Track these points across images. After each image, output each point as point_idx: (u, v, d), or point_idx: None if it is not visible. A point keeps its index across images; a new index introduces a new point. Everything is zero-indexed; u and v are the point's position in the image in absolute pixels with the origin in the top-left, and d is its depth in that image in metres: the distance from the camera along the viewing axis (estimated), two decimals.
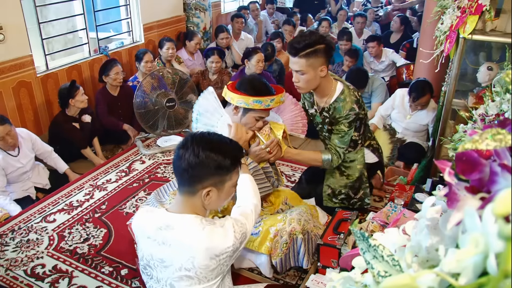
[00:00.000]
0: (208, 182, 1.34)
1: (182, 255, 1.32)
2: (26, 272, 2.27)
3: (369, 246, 0.56)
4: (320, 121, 2.34)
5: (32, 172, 3.05)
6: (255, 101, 1.91)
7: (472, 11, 2.22)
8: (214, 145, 1.35)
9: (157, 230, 1.36)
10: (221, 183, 1.37)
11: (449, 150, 1.82)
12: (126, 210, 2.83)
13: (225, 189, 1.39)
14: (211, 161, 1.32)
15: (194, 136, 1.37)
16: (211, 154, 1.32)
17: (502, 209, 0.41)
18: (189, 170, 1.32)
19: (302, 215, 2.12)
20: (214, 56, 4.20)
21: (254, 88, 1.94)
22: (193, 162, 1.31)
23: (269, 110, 2.01)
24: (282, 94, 1.99)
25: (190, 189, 1.36)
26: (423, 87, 3.25)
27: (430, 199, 0.61)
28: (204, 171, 1.32)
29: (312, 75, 2.08)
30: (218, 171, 1.34)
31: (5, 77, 3.31)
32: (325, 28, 5.63)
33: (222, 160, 1.33)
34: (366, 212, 2.45)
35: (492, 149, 0.50)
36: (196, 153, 1.31)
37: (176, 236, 1.33)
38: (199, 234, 1.30)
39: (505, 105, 1.47)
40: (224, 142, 1.40)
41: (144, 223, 1.42)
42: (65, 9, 4.67)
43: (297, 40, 2.03)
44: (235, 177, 1.42)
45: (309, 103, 2.38)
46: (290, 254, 2.06)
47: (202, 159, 1.30)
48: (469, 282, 0.43)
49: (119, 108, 3.86)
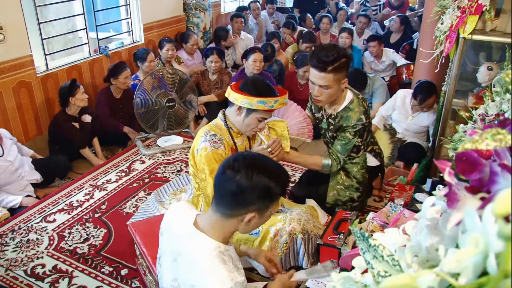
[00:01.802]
0: (253, 207, 1.27)
1: (190, 272, 1.29)
2: (26, 272, 2.27)
3: (369, 246, 0.56)
4: (326, 127, 2.37)
5: (23, 169, 3.00)
6: (259, 102, 1.91)
7: (472, 11, 2.22)
8: (267, 169, 1.28)
9: (180, 236, 1.34)
10: (265, 209, 1.30)
11: (449, 150, 1.82)
12: (126, 210, 2.83)
13: (265, 215, 1.32)
14: (263, 187, 1.24)
15: (246, 157, 1.29)
16: (264, 179, 1.24)
17: (502, 209, 0.41)
18: (238, 194, 1.24)
19: (302, 215, 2.12)
20: (213, 55, 4.20)
21: (258, 89, 1.94)
22: (244, 185, 1.23)
23: (272, 111, 2.01)
24: (285, 96, 2.00)
25: (231, 212, 1.28)
26: (429, 89, 3.24)
27: (430, 199, 0.61)
28: (253, 196, 1.25)
29: (336, 89, 2.11)
30: (267, 197, 1.27)
31: (5, 77, 3.30)
32: (326, 25, 5.62)
33: (274, 186, 1.26)
34: (366, 212, 2.45)
35: (492, 149, 0.50)
36: (249, 176, 1.23)
37: (189, 253, 1.29)
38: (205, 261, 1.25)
39: (505, 105, 1.47)
40: (276, 166, 1.32)
41: (173, 221, 1.40)
42: (65, 9, 4.67)
43: (324, 54, 2.01)
44: (276, 204, 1.37)
45: (316, 107, 2.41)
46: (290, 254, 2.06)
47: (254, 183, 1.23)
48: (469, 282, 0.43)
49: (120, 111, 3.86)
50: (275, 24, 6.62)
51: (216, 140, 1.96)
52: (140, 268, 2.19)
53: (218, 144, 1.96)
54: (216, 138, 1.97)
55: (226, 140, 2.03)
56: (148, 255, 1.93)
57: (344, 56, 2.05)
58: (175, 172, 3.31)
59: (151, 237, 2.01)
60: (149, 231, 2.06)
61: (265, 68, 4.32)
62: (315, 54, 2.06)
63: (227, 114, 2.08)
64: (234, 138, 2.07)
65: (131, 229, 2.12)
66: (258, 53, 3.93)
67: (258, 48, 4.08)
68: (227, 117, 2.07)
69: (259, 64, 3.91)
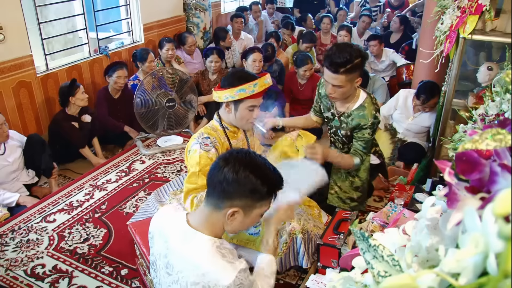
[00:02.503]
0: (237, 202, 1.29)
1: (188, 271, 1.29)
2: (26, 272, 2.27)
3: (369, 246, 0.56)
4: (338, 125, 2.40)
5: (20, 172, 3.01)
6: (239, 91, 1.91)
7: (472, 11, 2.22)
8: (256, 167, 1.30)
9: (173, 237, 1.34)
10: (250, 208, 1.32)
11: (449, 150, 1.82)
12: (126, 210, 2.83)
13: (251, 215, 1.33)
14: (248, 183, 1.27)
15: (240, 152, 1.33)
16: (250, 176, 1.27)
17: (502, 209, 0.41)
18: (223, 183, 1.27)
19: (301, 215, 2.12)
20: (213, 55, 4.19)
21: (235, 79, 1.94)
22: (230, 178, 1.26)
23: (258, 97, 1.98)
24: (265, 77, 1.99)
25: (217, 203, 1.31)
26: (432, 89, 3.23)
27: (430, 199, 0.61)
28: (238, 190, 1.28)
29: (349, 87, 2.16)
30: (252, 195, 1.29)
31: (5, 77, 3.31)
32: (327, 25, 5.61)
33: (259, 185, 1.28)
34: (366, 212, 2.46)
35: (492, 149, 0.50)
36: (235, 170, 1.26)
37: (187, 252, 1.30)
38: (206, 257, 1.27)
39: (505, 105, 1.46)
40: (267, 167, 1.34)
41: (164, 223, 1.40)
42: (65, 9, 4.67)
43: (337, 56, 2.05)
44: (265, 207, 1.37)
45: (325, 107, 2.45)
46: (289, 254, 2.06)
47: (240, 177, 1.26)
48: (469, 282, 0.43)
49: (118, 111, 3.85)
50: (275, 24, 6.62)
51: (207, 143, 1.96)
52: (140, 268, 2.19)
53: (209, 147, 1.95)
54: (208, 141, 1.96)
55: (221, 142, 2.02)
56: (148, 255, 1.93)
57: (359, 57, 2.08)
58: (175, 172, 3.31)
59: None
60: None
61: (265, 68, 4.32)
62: (328, 55, 2.10)
63: (221, 114, 2.08)
64: (230, 139, 2.06)
65: (131, 229, 2.12)
66: (257, 53, 3.92)
67: (257, 48, 4.07)
68: (222, 118, 2.07)
69: (259, 64, 3.90)
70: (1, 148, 2.89)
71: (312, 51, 5.13)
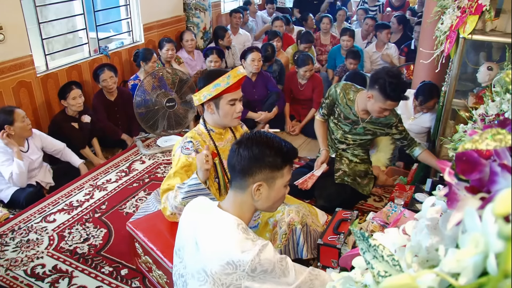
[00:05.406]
0: (259, 176, 1.37)
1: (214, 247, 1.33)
2: (26, 272, 2.27)
3: (369, 246, 0.56)
4: (361, 131, 2.70)
5: (39, 170, 3.09)
6: (214, 86, 1.92)
7: (472, 11, 2.22)
8: (267, 141, 1.39)
9: (203, 218, 1.40)
10: (272, 179, 1.39)
11: (449, 150, 1.82)
12: (126, 210, 2.83)
13: (275, 186, 1.40)
14: (263, 155, 1.36)
15: (250, 133, 1.44)
16: (263, 149, 1.36)
17: (502, 209, 0.41)
18: (241, 162, 1.36)
19: (300, 208, 2.12)
20: (213, 55, 4.19)
21: (209, 77, 1.96)
22: (246, 155, 1.36)
23: (235, 89, 1.98)
24: (238, 68, 2.00)
25: (241, 183, 1.38)
26: (431, 91, 3.23)
27: (430, 199, 0.61)
28: (255, 164, 1.36)
29: None
30: (269, 166, 1.37)
31: (5, 77, 3.30)
32: (326, 25, 5.61)
33: (273, 155, 1.37)
34: (366, 212, 2.46)
35: (492, 149, 0.50)
36: (249, 146, 1.37)
37: (213, 231, 1.35)
38: (230, 234, 1.32)
39: (505, 105, 1.47)
40: (278, 140, 1.43)
41: (196, 210, 1.45)
42: (65, 9, 4.68)
43: (402, 89, 2.41)
44: (287, 177, 1.43)
45: (346, 117, 2.69)
46: (289, 246, 2.06)
47: (254, 153, 1.36)
48: (469, 282, 0.43)
49: (116, 113, 3.84)
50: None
51: (188, 147, 1.98)
52: (142, 266, 2.19)
53: (189, 151, 1.97)
54: (189, 145, 1.98)
55: (206, 144, 2.02)
56: (156, 249, 1.93)
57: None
58: None
59: (155, 232, 2.03)
60: (150, 226, 2.07)
61: (265, 68, 4.32)
62: (395, 90, 2.37)
63: (205, 117, 2.08)
64: (215, 141, 2.06)
65: (132, 228, 2.12)
66: (256, 52, 3.90)
67: (256, 47, 4.06)
68: (206, 121, 2.07)
69: (258, 63, 3.89)
70: (25, 145, 2.99)
71: (312, 51, 5.13)
